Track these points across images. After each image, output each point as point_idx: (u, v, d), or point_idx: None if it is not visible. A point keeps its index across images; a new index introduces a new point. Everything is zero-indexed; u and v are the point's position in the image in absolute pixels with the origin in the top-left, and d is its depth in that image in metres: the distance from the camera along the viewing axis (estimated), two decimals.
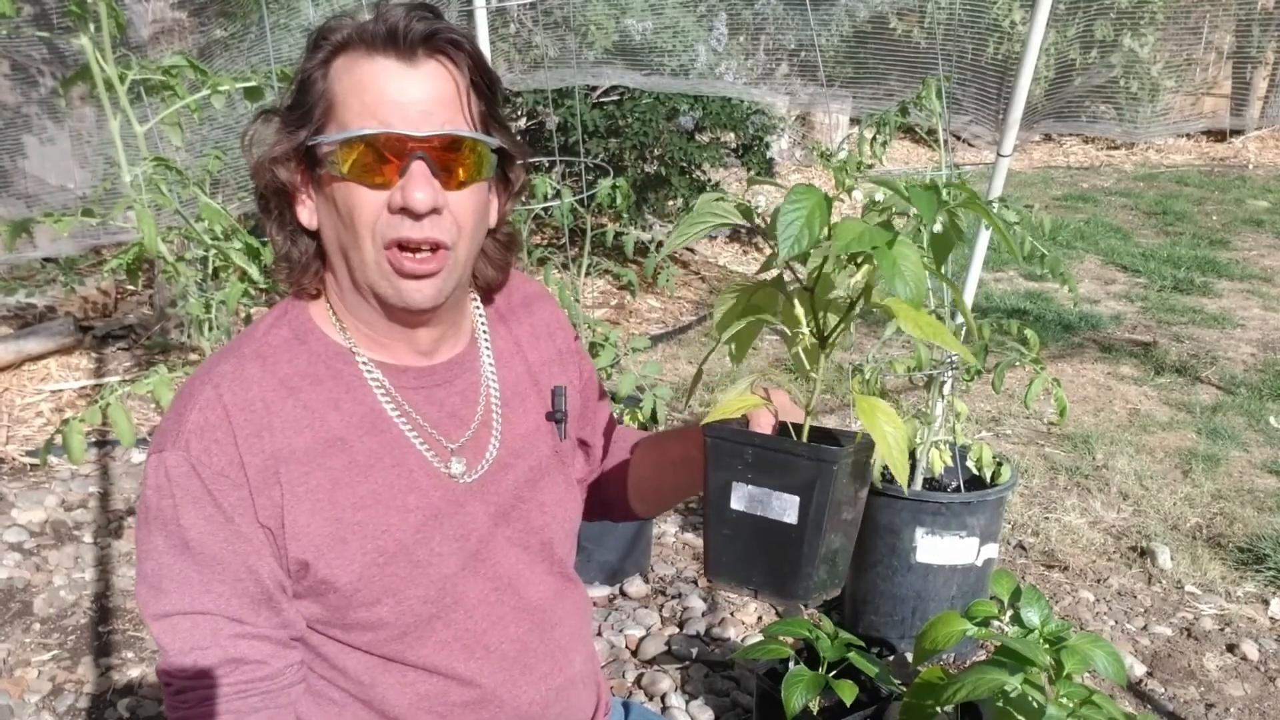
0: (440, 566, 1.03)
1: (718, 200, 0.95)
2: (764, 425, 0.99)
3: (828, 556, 0.96)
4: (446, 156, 0.95)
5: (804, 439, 0.97)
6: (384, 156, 0.94)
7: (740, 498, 0.96)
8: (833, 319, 0.96)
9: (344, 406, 1.01)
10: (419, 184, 0.94)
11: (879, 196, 0.91)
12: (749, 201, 0.96)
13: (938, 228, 0.92)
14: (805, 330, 0.96)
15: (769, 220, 0.90)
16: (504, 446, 1.10)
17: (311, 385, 1.00)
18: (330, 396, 1.01)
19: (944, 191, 0.87)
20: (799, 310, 0.95)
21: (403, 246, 0.96)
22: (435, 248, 0.96)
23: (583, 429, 1.25)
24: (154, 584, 0.95)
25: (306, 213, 1.01)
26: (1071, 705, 1.30)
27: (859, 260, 0.90)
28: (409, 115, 0.94)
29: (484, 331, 1.13)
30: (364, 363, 1.03)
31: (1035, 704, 1.31)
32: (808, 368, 0.97)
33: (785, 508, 0.93)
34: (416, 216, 0.95)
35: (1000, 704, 1.33)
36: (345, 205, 0.96)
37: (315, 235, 1.02)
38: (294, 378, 1.00)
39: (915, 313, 0.89)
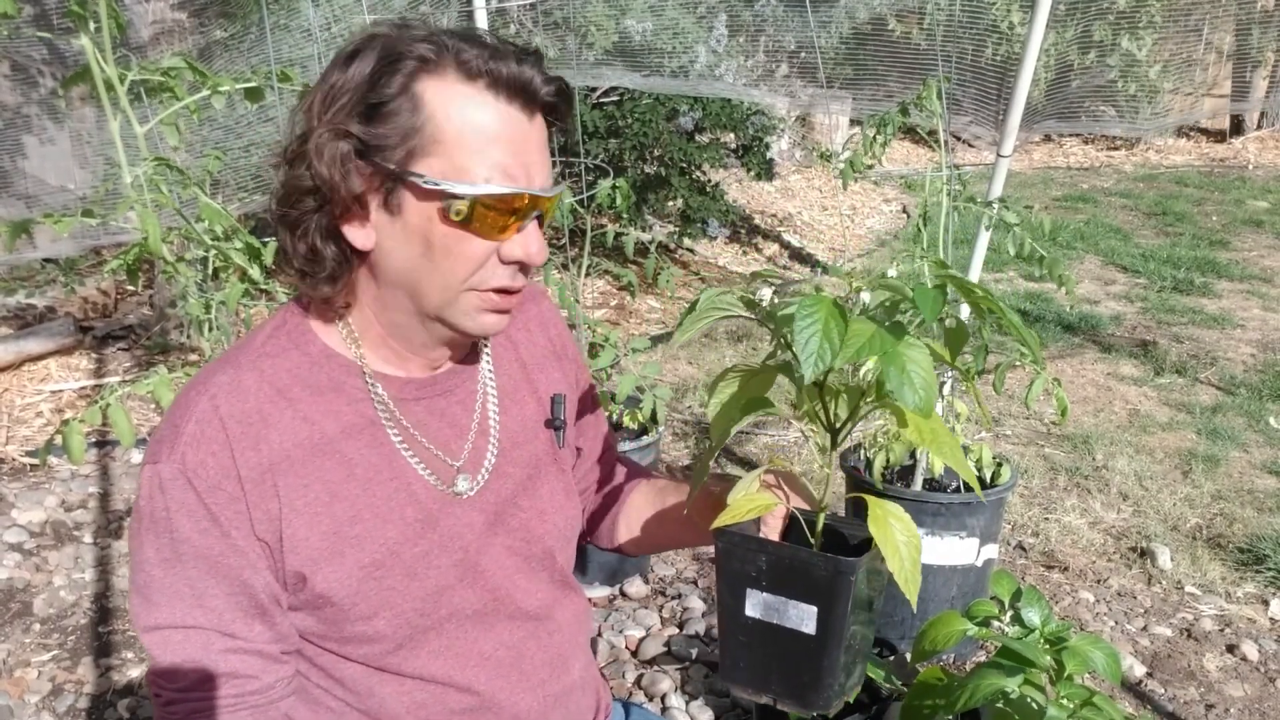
0: (436, 578, 1.02)
1: (722, 295, 0.94)
2: (776, 524, 0.97)
3: (848, 663, 0.93)
4: (547, 210, 0.97)
5: (819, 534, 0.95)
6: (514, 213, 0.93)
7: (755, 605, 0.93)
8: (843, 408, 0.93)
9: (344, 418, 0.99)
10: (539, 241, 0.96)
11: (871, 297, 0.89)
12: (752, 293, 0.95)
13: (951, 323, 0.91)
14: (817, 426, 0.93)
15: (773, 311, 0.90)
16: (501, 453, 1.09)
17: (311, 395, 0.99)
18: (330, 408, 0.99)
19: (948, 289, 0.86)
20: (806, 401, 0.93)
21: (500, 291, 0.97)
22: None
23: (577, 437, 1.24)
24: (146, 595, 0.94)
25: (363, 235, 0.94)
26: (1072, 707, 1.30)
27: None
28: (536, 175, 0.94)
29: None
30: (369, 375, 1.01)
31: (1035, 705, 1.31)
32: (819, 462, 0.94)
33: (803, 617, 0.91)
34: (525, 269, 0.96)
35: (1000, 704, 1.33)
36: (448, 248, 0.93)
37: (354, 251, 0.96)
38: (293, 388, 0.98)
39: (925, 422, 0.86)
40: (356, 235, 0.94)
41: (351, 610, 0.98)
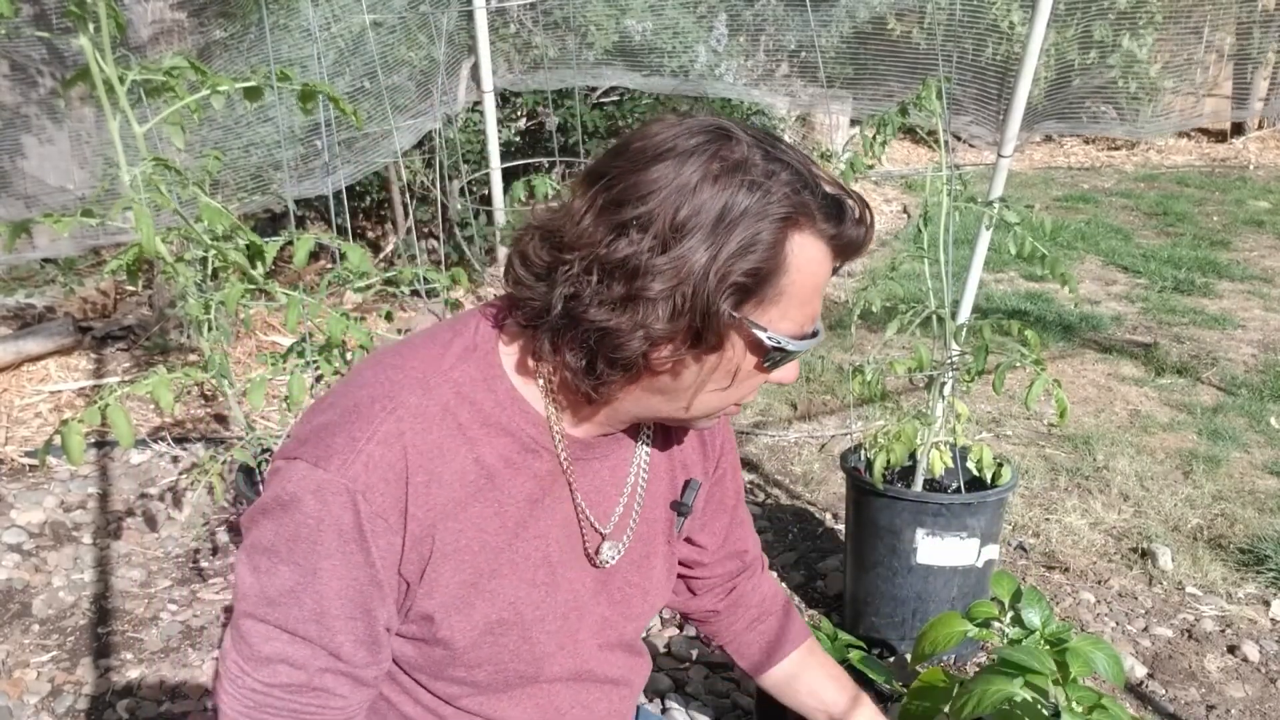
0: (546, 645, 1.02)
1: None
2: None
3: None
4: None
5: None
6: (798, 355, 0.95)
7: None
8: None
9: (513, 465, 0.96)
10: (798, 368, 0.99)
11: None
12: None
13: None
14: None
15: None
16: (637, 532, 1.09)
17: (487, 436, 0.94)
18: (502, 452, 0.95)
19: None
20: None
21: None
22: None
23: (697, 530, 1.24)
24: (263, 585, 0.89)
25: (669, 357, 0.89)
26: (1081, 710, 1.29)
27: None
28: (819, 314, 0.96)
29: None
30: (558, 435, 0.98)
31: (1044, 711, 1.30)
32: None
33: None
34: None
35: (1006, 706, 1.33)
36: (744, 381, 0.95)
37: (646, 364, 0.90)
38: (472, 425, 0.93)
39: None
40: (662, 355, 0.89)
41: (460, 658, 0.97)
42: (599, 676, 1.10)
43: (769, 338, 0.89)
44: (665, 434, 1.13)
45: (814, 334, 0.95)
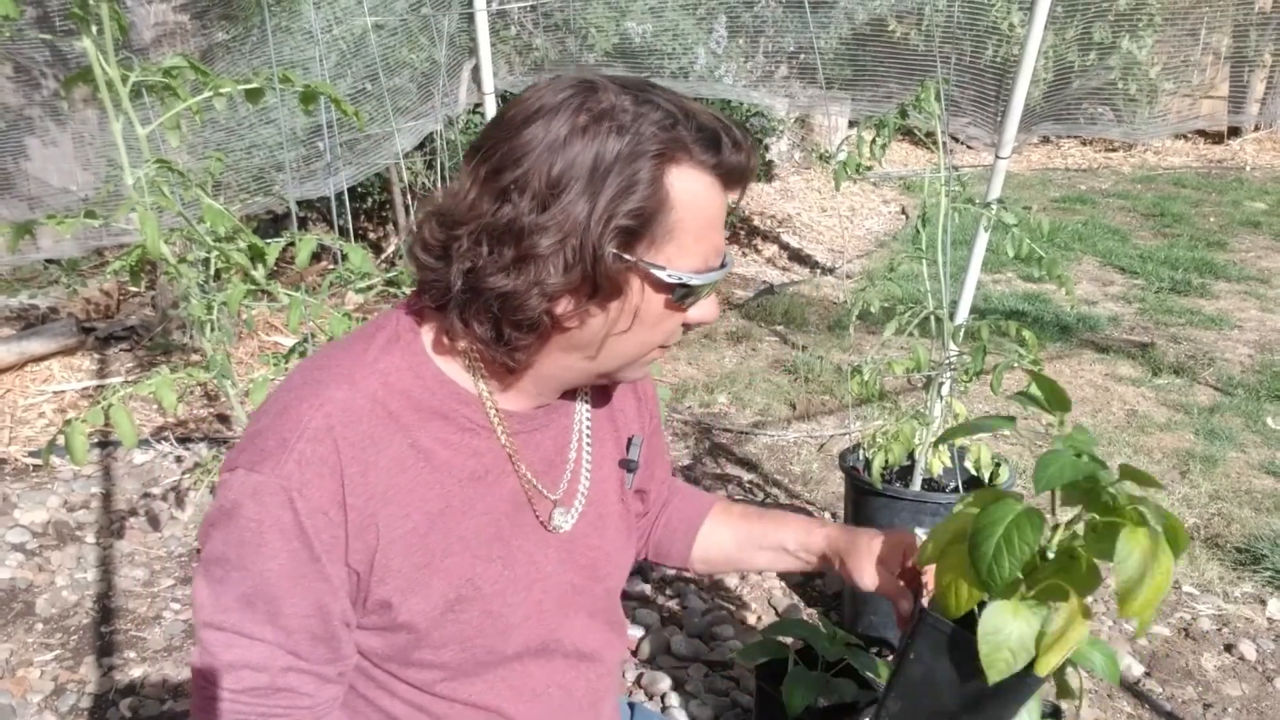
0: (510, 617, 1.02)
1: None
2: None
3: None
4: None
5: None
6: (709, 289, 0.96)
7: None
8: None
9: (451, 446, 0.97)
10: (716, 302, 0.99)
11: None
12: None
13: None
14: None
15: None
16: (589, 495, 1.09)
17: (420, 421, 0.96)
18: (438, 435, 0.96)
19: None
20: None
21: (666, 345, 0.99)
22: None
23: (645, 480, 1.25)
24: (217, 593, 0.91)
25: (571, 310, 0.91)
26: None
27: None
28: (724, 246, 0.96)
29: None
30: (491, 409, 0.99)
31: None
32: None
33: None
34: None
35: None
36: (657, 323, 0.95)
37: (554, 322, 0.92)
38: (404, 413, 0.95)
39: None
40: (565, 310, 0.91)
41: (424, 639, 0.98)
42: (572, 651, 1.10)
43: (668, 275, 0.90)
44: (603, 396, 1.14)
45: (721, 266, 0.95)
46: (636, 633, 2.58)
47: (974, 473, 2.43)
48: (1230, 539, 2.99)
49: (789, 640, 1.95)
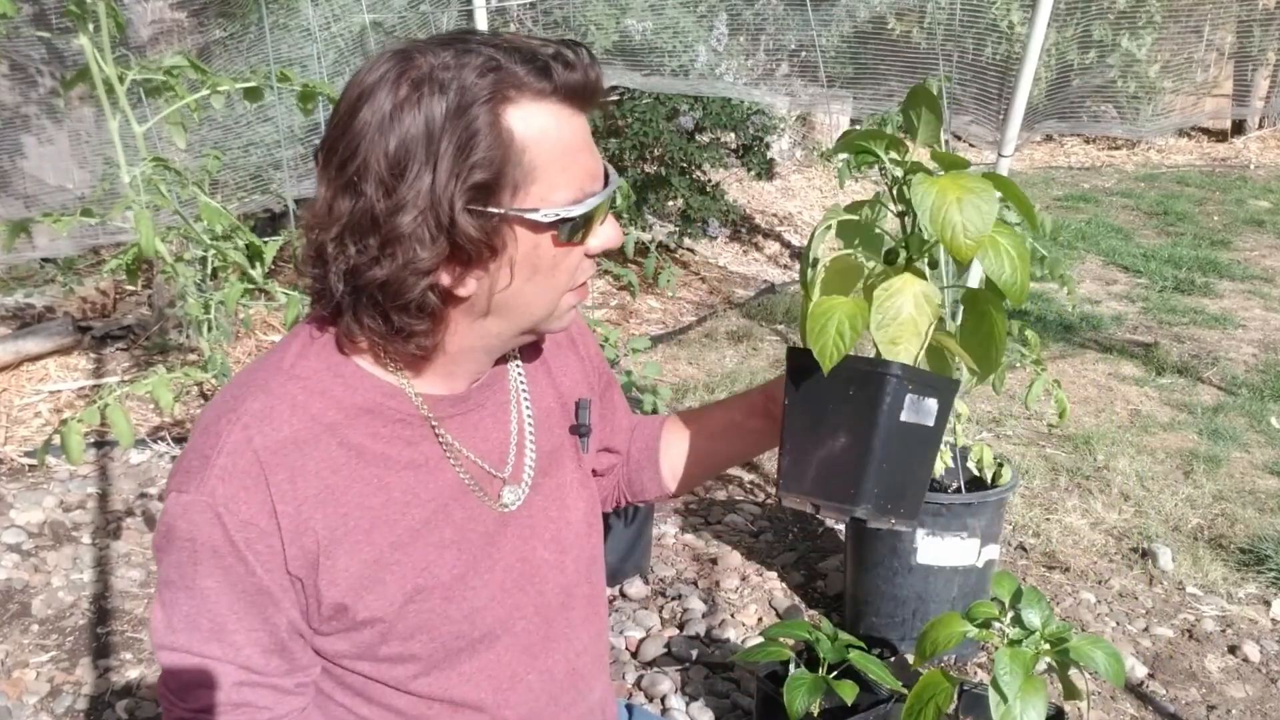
0: (471, 599, 1.01)
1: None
2: None
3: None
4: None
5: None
6: (601, 214, 0.94)
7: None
8: None
9: (382, 440, 0.96)
10: (615, 224, 0.97)
11: None
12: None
13: None
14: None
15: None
16: (539, 468, 1.08)
17: (347, 419, 0.95)
18: (368, 430, 0.96)
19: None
20: None
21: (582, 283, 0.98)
22: None
23: (608, 438, 1.23)
24: (167, 614, 0.92)
25: (460, 280, 0.90)
26: None
27: None
28: (600, 167, 0.94)
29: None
30: (415, 395, 0.98)
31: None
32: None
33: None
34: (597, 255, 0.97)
35: None
36: (555, 264, 0.92)
37: (449, 297, 0.91)
38: (328, 412, 0.94)
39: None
40: (449, 282, 0.90)
41: (390, 633, 0.97)
42: (545, 631, 1.08)
43: (543, 215, 0.88)
44: (542, 367, 1.13)
45: (604, 188, 0.93)
46: (637, 634, 2.57)
47: (976, 473, 2.42)
48: (1234, 540, 2.98)
49: (790, 642, 1.94)
